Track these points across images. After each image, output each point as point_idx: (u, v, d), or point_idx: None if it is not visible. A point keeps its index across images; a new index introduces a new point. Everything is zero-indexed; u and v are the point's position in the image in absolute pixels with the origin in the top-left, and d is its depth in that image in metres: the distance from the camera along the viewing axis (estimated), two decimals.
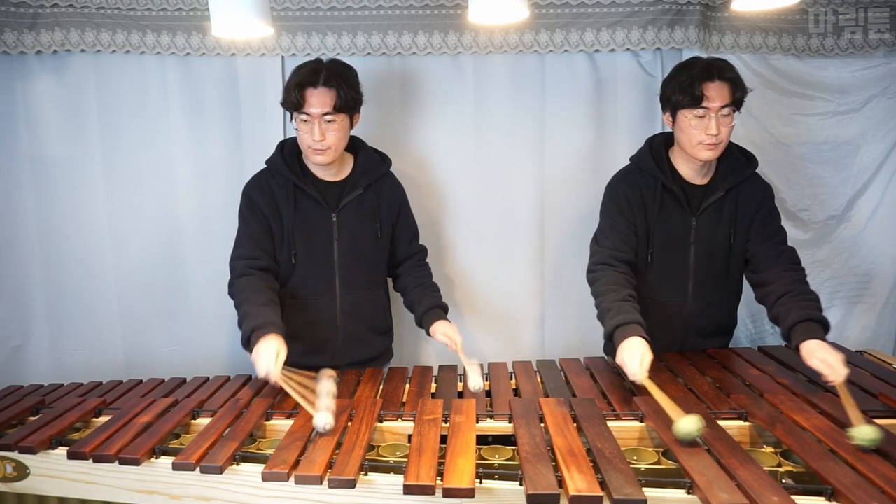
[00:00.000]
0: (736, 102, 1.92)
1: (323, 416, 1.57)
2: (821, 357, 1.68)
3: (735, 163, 2.05)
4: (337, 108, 1.94)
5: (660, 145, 2.08)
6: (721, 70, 1.91)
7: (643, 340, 1.73)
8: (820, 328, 1.79)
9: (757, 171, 2.10)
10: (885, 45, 2.53)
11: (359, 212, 2.10)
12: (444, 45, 2.47)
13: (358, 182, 2.09)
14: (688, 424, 1.45)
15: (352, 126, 2.06)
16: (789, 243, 2.08)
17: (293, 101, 1.94)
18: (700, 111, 1.90)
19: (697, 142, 1.93)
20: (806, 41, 2.53)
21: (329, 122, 1.95)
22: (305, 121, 1.96)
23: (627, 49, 2.49)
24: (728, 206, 2.03)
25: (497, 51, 2.48)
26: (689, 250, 2.05)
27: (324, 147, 1.97)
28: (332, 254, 2.09)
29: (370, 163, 2.13)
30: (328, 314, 2.12)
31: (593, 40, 2.47)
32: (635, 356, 1.69)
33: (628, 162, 2.14)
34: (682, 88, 1.91)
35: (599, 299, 1.92)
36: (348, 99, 1.96)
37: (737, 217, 2.04)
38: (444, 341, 1.98)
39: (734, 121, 1.94)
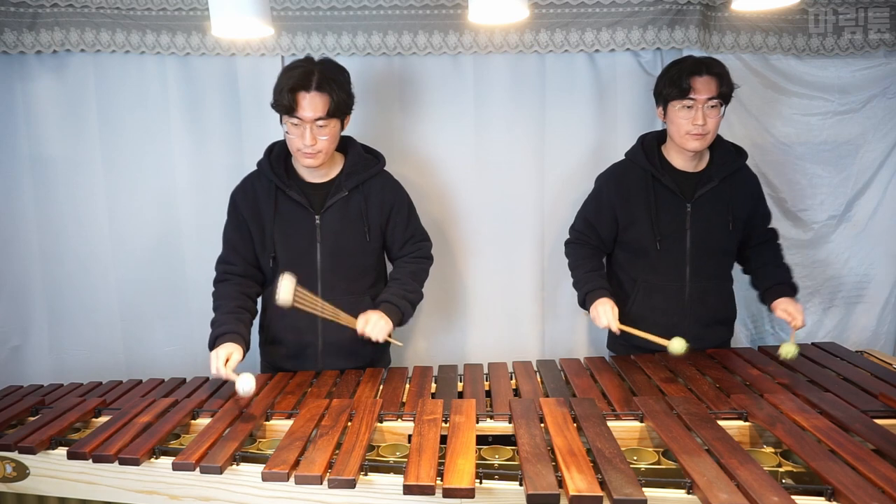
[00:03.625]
0: (722, 96, 2.03)
1: (244, 381, 1.73)
2: (784, 308, 2.07)
3: (727, 154, 2.17)
4: (330, 114, 1.90)
5: (651, 141, 2.20)
6: (709, 66, 2.04)
7: (608, 298, 2.09)
8: (789, 289, 2.14)
9: (756, 169, 2.28)
10: (885, 45, 2.53)
11: (344, 214, 2.04)
12: (444, 45, 2.47)
13: (343, 184, 2.03)
14: (677, 345, 1.91)
15: (342, 128, 2.02)
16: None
17: (285, 104, 1.89)
18: (688, 102, 2.03)
19: (685, 132, 2.05)
20: (806, 41, 2.53)
21: (321, 126, 1.91)
22: (296, 125, 1.91)
23: (627, 49, 2.49)
24: (724, 195, 2.14)
25: (497, 51, 2.48)
26: (686, 235, 2.13)
27: (314, 151, 1.93)
28: (315, 257, 2.05)
29: (359, 164, 2.07)
30: (309, 319, 2.04)
31: (593, 40, 2.47)
32: (606, 309, 2.05)
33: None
34: (671, 81, 2.05)
35: (572, 273, 2.25)
36: (341, 103, 1.92)
37: (734, 205, 2.14)
38: None
39: (721, 113, 2.06)
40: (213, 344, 1.93)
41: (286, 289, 1.85)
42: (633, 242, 2.17)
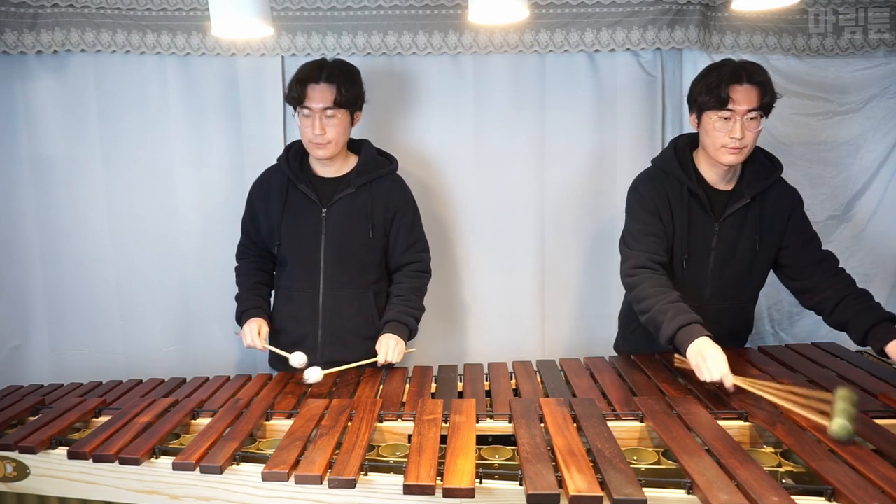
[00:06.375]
0: (764, 107, 1.88)
1: (298, 356, 1.99)
2: None
3: (760, 168, 2.00)
4: (337, 104, 2.00)
5: (684, 148, 2.03)
6: (750, 73, 1.88)
7: (712, 340, 1.72)
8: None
9: None
10: (885, 45, 2.54)
11: (350, 210, 2.11)
12: (444, 45, 2.47)
13: (353, 180, 2.11)
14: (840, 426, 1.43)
15: (353, 123, 2.09)
16: None
17: (295, 95, 2.02)
18: (726, 113, 1.87)
19: (721, 145, 1.89)
20: (806, 41, 2.53)
21: (329, 116, 2.01)
22: (307, 115, 2.02)
23: (627, 49, 2.49)
24: (753, 214, 1.99)
25: (497, 51, 2.48)
26: (710, 256, 2.01)
27: (324, 141, 2.02)
28: (319, 249, 2.12)
29: (370, 164, 2.14)
30: (310, 309, 2.15)
31: (593, 40, 2.47)
32: (717, 357, 1.67)
33: (650, 164, 2.09)
34: (708, 89, 1.88)
35: (647, 303, 1.86)
36: (349, 95, 2.02)
37: (762, 225, 1.99)
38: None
39: (761, 125, 1.90)
40: (241, 318, 2.15)
41: (314, 374, 1.93)
42: None
